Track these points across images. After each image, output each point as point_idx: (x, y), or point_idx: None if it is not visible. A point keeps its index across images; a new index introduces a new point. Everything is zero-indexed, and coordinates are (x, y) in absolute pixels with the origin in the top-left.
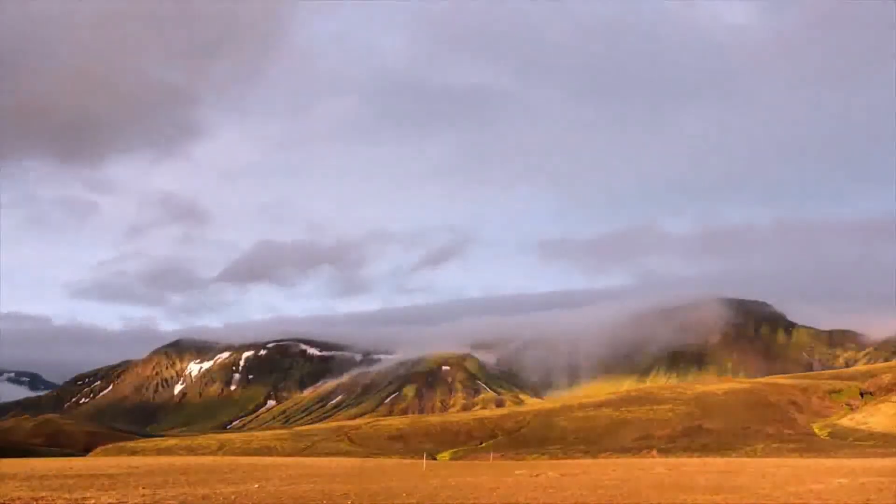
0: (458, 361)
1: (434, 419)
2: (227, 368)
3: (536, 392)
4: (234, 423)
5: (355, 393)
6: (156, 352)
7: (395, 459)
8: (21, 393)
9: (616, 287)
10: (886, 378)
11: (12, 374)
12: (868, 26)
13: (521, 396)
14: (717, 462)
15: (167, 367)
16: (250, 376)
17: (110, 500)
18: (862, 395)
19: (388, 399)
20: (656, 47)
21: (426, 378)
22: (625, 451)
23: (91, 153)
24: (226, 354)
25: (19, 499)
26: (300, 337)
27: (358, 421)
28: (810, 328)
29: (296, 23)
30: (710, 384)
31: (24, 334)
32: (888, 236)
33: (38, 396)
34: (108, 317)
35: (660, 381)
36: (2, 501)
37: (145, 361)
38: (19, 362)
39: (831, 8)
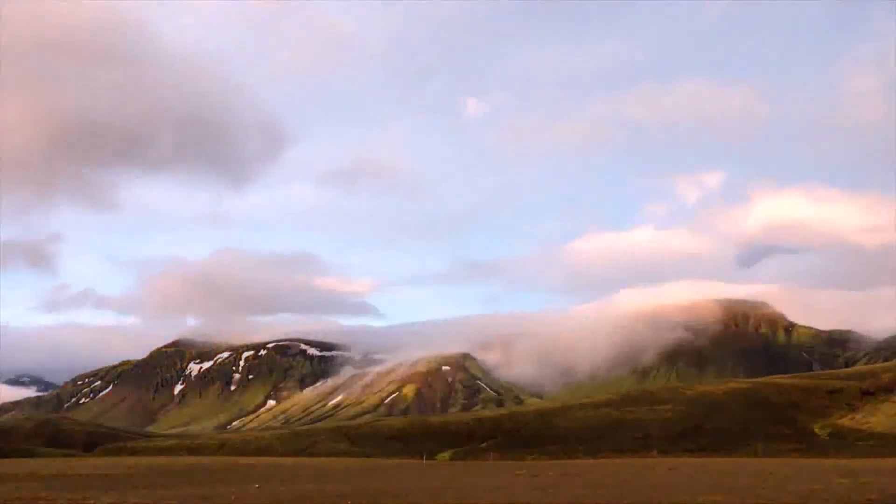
0: (458, 361)
1: (434, 419)
2: (227, 368)
3: (536, 392)
4: (234, 423)
5: (355, 393)
6: (156, 352)
7: (395, 459)
8: (21, 393)
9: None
10: (886, 378)
11: (12, 375)
12: None
13: (521, 396)
14: (717, 462)
15: (167, 367)
16: (250, 376)
17: (110, 500)
18: (862, 394)
19: (388, 399)
20: None
21: (426, 378)
22: (625, 451)
23: None
24: (226, 354)
25: (19, 499)
26: (300, 337)
27: (358, 421)
28: (810, 328)
29: None
30: (710, 384)
31: (24, 335)
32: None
33: (38, 396)
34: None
35: (660, 381)
36: (2, 501)
37: (145, 361)
38: (20, 363)
39: None
